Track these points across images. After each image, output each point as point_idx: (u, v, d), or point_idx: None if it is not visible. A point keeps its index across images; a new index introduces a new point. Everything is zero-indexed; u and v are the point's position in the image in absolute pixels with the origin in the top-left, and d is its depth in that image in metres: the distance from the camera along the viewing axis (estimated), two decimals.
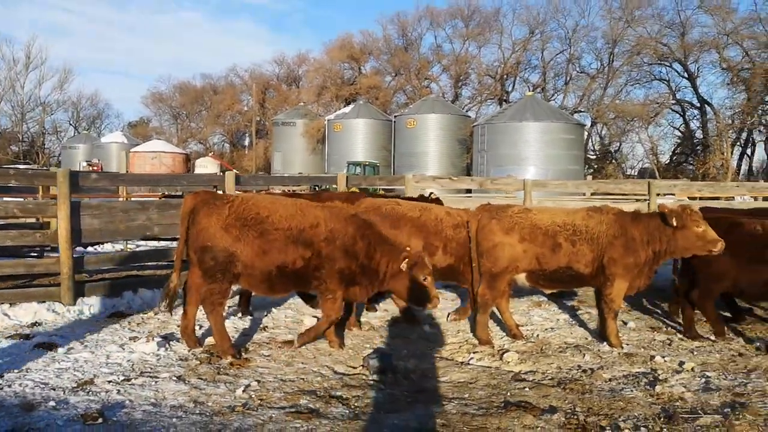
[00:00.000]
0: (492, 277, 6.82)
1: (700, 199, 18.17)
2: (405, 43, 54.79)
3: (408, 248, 6.38)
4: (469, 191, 26.53)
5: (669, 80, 47.34)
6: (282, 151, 47.72)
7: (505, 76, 50.91)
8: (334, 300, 6.17)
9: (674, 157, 49.12)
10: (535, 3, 59.87)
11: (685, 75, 45.83)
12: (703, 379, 5.74)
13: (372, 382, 5.55)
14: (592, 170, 48.21)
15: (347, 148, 42.80)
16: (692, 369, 6.06)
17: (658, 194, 13.84)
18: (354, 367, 5.95)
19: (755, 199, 17.42)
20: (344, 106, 48.01)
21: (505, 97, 50.45)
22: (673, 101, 47.13)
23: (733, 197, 18.81)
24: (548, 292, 7.38)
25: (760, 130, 44.00)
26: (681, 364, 6.20)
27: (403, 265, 6.20)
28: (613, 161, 48.66)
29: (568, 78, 50.56)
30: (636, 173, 50.18)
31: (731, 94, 44.55)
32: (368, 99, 48.95)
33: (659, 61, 46.66)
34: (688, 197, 21.14)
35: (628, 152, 50.46)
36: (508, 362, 6.24)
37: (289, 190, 17.05)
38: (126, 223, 8.20)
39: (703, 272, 7.14)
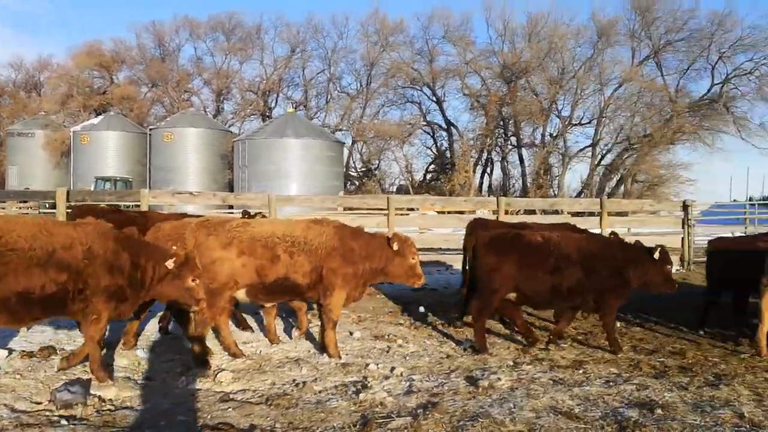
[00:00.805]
0: (211, 294, 6.52)
1: (451, 212, 19.67)
2: (162, 53, 52.29)
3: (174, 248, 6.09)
4: (231, 207, 25.97)
5: (420, 103, 50.91)
6: (18, 165, 42.67)
7: (267, 93, 51.00)
8: (98, 320, 5.64)
9: (427, 175, 52.84)
10: (295, 21, 60.43)
11: (434, 99, 49.69)
12: (408, 383, 6.00)
13: (56, 417, 4.94)
14: (354, 186, 50.10)
15: (96, 162, 39.53)
16: (401, 374, 6.32)
17: (396, 208, 14.61)
18: (39, 403, 5.26)
19: (492, 212, 19.15)
20: (94, 117, 44.39)
21: (268, 114, 50.47)
22: (424, 123, 50.78)
23: (474, 211, 20.64)
24: (268, 305, 7.27)
25: (497, 151, 49.07)
26: (392, 369, 6.44)
27: (170, 263, 5.86)
28: (374, 178, 51.00)
29: (329, 97, 52.14)
30: (395, 189, 53.11)
31: (473, 118, 49.28)
32: (121, 110, 45.81)
33: (411, 85, 50.00)
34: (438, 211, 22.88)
35: (387, 170, 53.26)
36: (221, 382, 5.98)
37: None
38: None
39: (483, 284, 7.35)
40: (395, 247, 6.86)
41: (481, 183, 50.70)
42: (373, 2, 48.48)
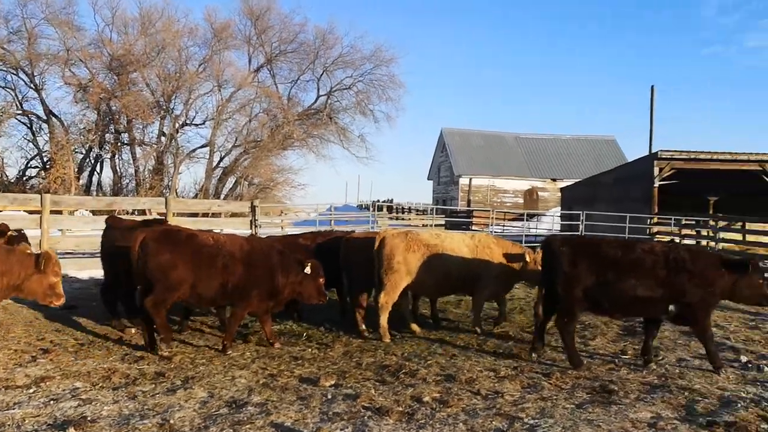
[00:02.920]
0: None
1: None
2: None
3: None
4: None
5: (15, 89, 44.70)
6: None
7: None
8: None
9: (26, 171, 46.78)
10: None
11: (32, 86, 44.10)
12: None
13: None
14: None
15: None
16: None
17: None
18: None
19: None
20: None
21: None
22: (20, 112, 44.78)
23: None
24: None
25: (106, 148, 45.75)
26: None
27: None
28: None
29: None
30: None
31: (80, 111, 44.98)
32: None
33: (5, 68, 43.63)
34: None
35: None
36: None
37: None
38: None
39: (160, 282, 7.00)
40: (41, 265, 6.50)
41: (90, 181, 46.93)
42: None
